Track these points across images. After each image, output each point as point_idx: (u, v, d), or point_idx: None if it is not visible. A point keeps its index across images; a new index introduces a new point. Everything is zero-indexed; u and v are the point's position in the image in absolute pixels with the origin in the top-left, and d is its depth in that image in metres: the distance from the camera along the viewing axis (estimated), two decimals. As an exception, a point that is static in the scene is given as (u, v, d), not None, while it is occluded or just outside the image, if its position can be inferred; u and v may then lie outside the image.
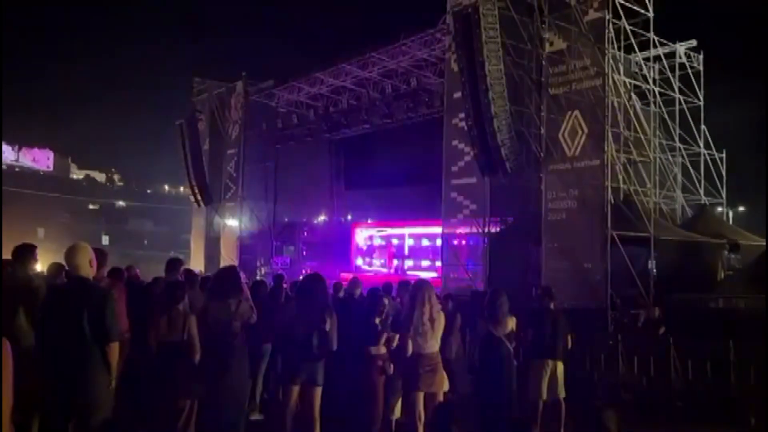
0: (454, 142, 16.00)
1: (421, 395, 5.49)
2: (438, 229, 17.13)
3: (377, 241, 23.68)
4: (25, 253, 5.08)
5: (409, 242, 22.47)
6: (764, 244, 14.54)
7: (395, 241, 22.73)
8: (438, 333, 5.58)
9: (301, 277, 8.95)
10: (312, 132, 22.64)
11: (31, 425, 4.47)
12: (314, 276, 5.79)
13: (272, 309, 6.70)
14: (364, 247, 24.07)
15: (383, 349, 6.11)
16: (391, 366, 6.02)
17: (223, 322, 5.26)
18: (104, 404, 4.26)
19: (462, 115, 14.44)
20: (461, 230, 16.14)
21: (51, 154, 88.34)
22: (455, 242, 16.24)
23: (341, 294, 7.94)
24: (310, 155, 24.58)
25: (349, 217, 26.34)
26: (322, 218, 26.76)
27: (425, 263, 21.25)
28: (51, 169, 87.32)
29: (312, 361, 5.32)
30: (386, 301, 6.27)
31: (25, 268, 5.06)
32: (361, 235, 24.32)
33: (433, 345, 5.53)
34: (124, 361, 4.72)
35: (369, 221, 24.76)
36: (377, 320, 6.05)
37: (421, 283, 5.90)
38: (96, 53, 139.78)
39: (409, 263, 21.92)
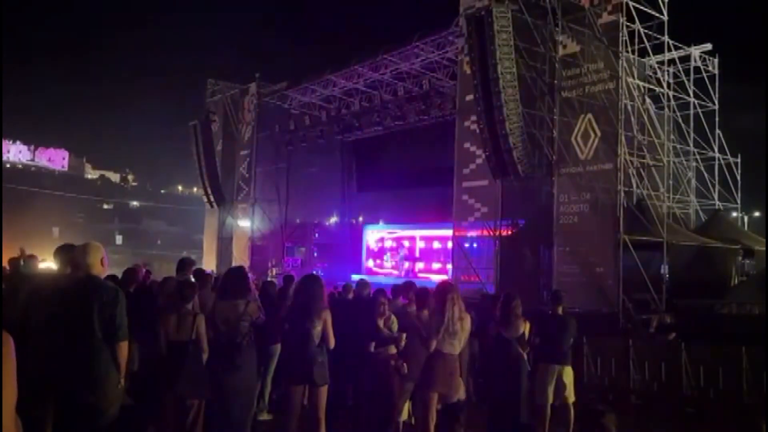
0: (466, 145, 15.98)
1: (435, 396, 5.39)
2: (449, 232, 17.11)
3: (388, 243, 23.66)
4: (66, 253, 4.76)
5: (420, 244, 22.43)
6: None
7: (406, 243, 22.71)
8: (462, 335, 5.43)
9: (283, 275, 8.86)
10: (324, 134, 22.68)
11: (46, 422, 4.46)
12: (309, 277, 5.78)
13: (281, 309, 6.71)
14: (375, 249, 24.07)
15: (393, 350, 6.08)
16: (405, 366, 5.97)
17: (231, 322, 5.27)
18: (113, 403, 4.27)
19: (474, 117, 14.43)
20: (472, 233, 16.12)
21: (66, 154, 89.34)
22: (466, 245, 16.21)
23: (350, 295, 7.92)
24: (322, 157, 24.63)
25: (361, 218, 26.33)
26: (333, 220, 26.79)
27: (436, 266, 21.21)
28: (66, 169, 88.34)
29: (302, 362, 5.26)
30: (385, 301, 6.25)
31: (65, 269, 4.76)
32: (372, 237, 24.32)
33: (456, 347, 5.43)
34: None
35: (380, 223, 24.77)
36: (380, 321, 6.05)
37: (448, 284, 5.84)
38: (111, 54, 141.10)
39: (420, 265, 21.90)
